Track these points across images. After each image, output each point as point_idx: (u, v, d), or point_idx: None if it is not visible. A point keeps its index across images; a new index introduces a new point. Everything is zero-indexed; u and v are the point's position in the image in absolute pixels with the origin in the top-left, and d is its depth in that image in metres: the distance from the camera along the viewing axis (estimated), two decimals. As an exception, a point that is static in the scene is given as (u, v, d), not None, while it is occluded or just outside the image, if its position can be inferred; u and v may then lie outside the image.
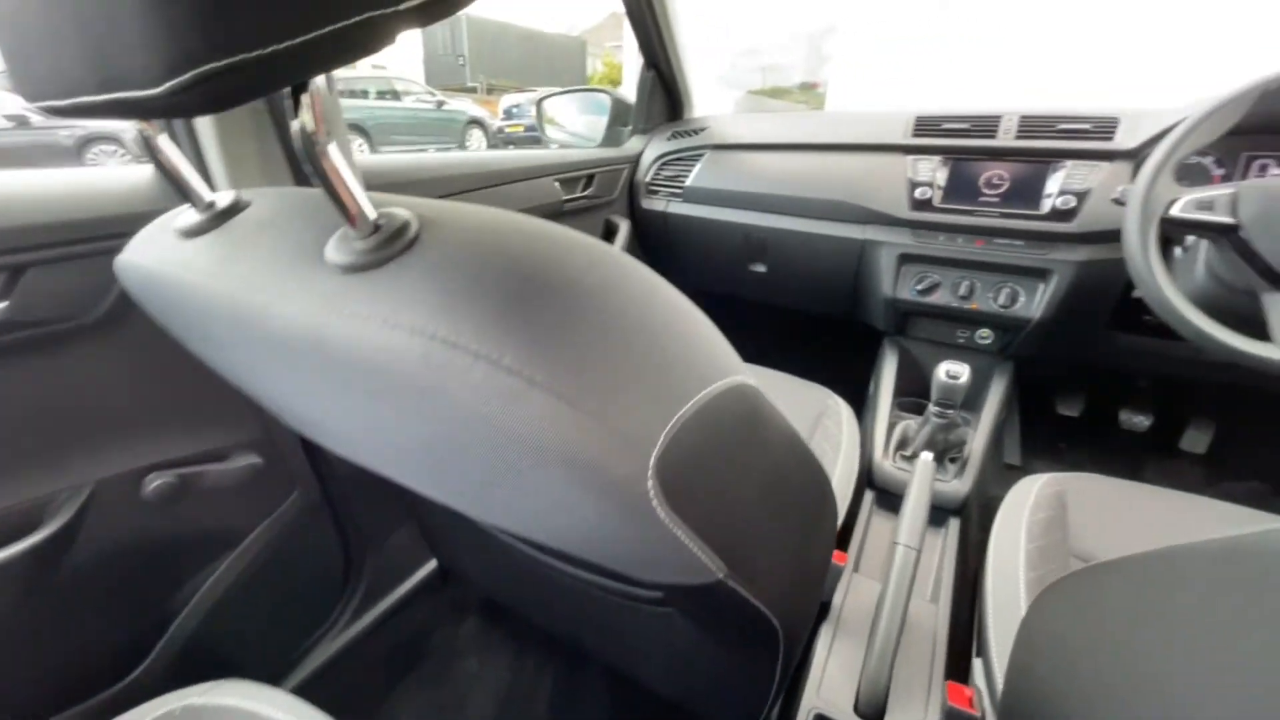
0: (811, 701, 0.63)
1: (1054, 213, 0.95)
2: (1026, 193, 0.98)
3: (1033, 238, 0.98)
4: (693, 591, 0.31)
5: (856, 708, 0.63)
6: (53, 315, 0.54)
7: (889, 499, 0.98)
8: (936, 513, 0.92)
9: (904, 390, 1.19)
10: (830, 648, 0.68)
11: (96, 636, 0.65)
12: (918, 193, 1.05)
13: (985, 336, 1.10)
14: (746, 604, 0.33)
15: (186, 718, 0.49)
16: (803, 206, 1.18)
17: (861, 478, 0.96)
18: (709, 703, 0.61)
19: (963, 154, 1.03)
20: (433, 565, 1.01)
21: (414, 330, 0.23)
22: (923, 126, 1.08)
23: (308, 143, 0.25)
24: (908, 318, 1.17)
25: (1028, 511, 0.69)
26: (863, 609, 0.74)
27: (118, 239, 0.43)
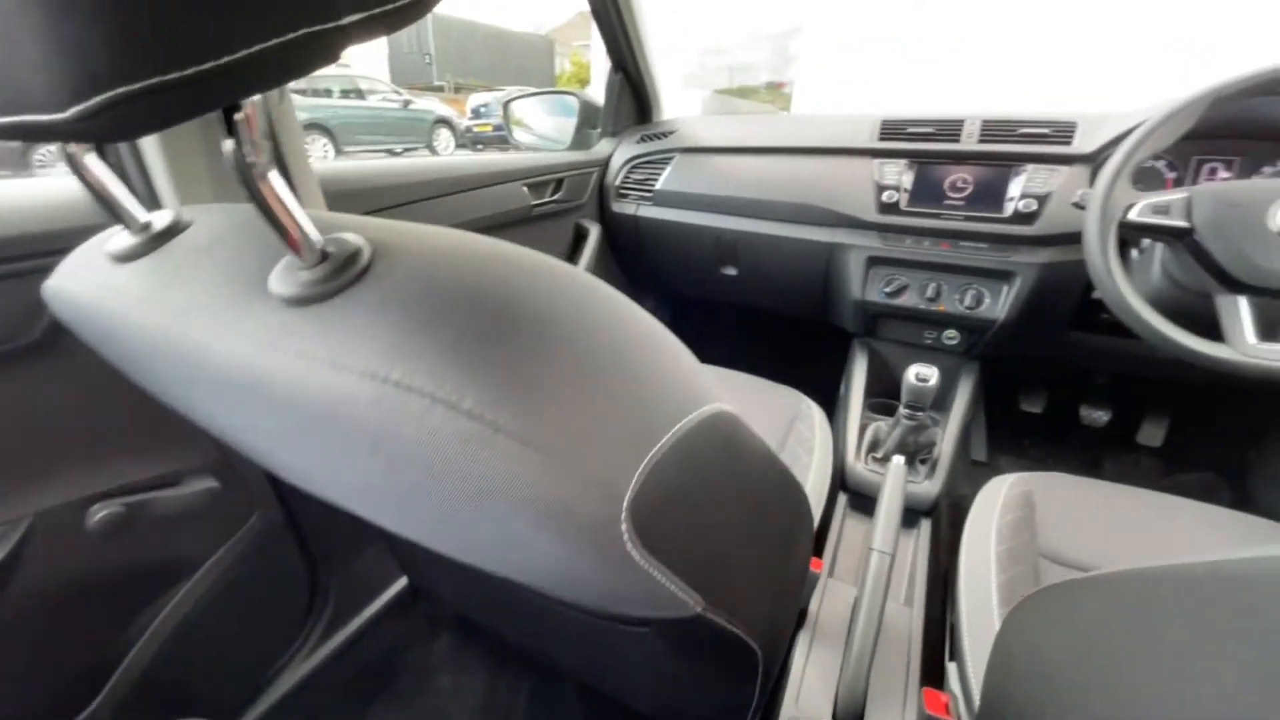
0: (790, 712, 0.63)
1: (1016, 215, 0.97)
2: (990, 196, 1.00)
3: (996, 240, 1.00)
4: (670, 621, 0.30)
5: (835, 716, 0.63)
6: None
7: (862, 501, 0.99)
8: (908, 514, 0.93)
9: (874, 391, 1.20)
10: (808, 656, 0.68)
11: (43, 675, 0.61)
12: (885, 196, 1.06)
13: (952, 337, 1.12)
14: (725, 631, 0.32)
15: None
16: (773, 210, 1.18)
17: (835, 481, 0.96)
18: (688, 718, 0.60)
19: (928, 158, 1.05)
20: (403, 583, 0.98)
21: (364, 373, 0.21)
22: (888, 130, 1.09)
23: (242, 168, 0.23)
24: (877, 319, 1.19)
25: (997, 513, 0.70)
26: (838, 614, 0.74)
27: (51, 256, 0.40)
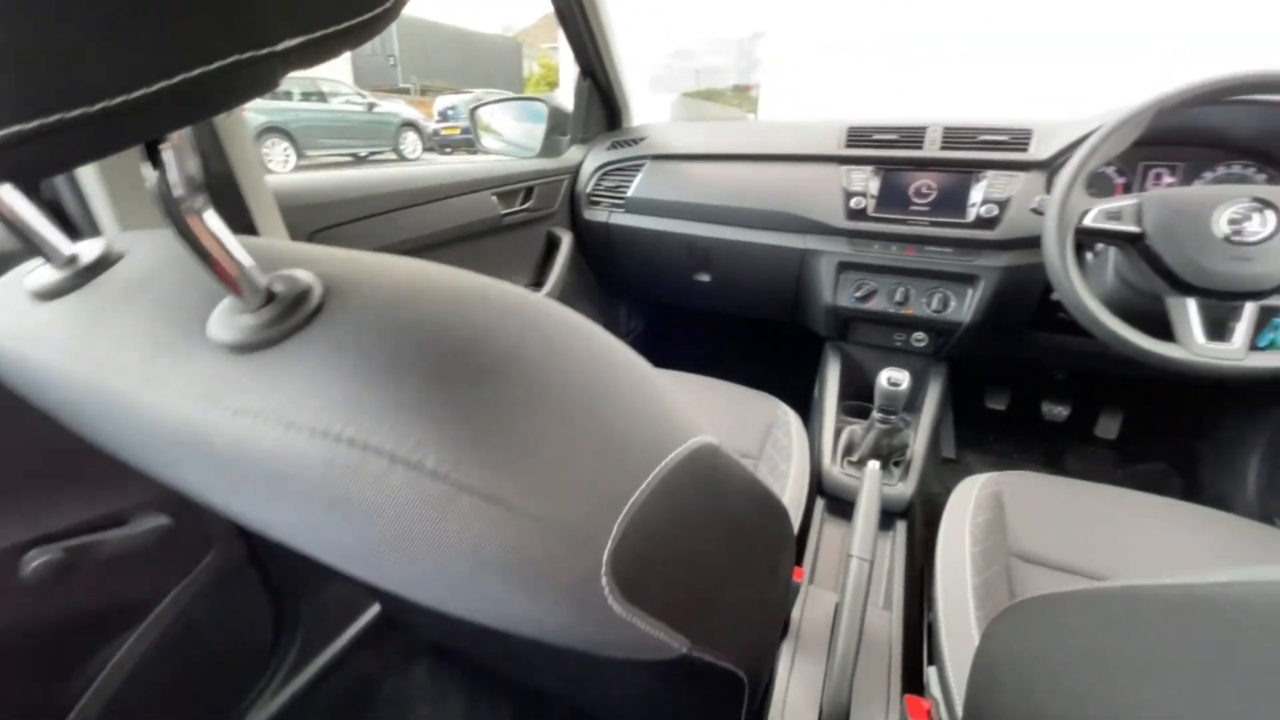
0: None
1: (978, 221, 0.99)
2: (953, 201, 1.02)
3: (960, 245, 1.02)
4: (655, 661, 0.30)
5: None
6: None
7: (839, 505, 1.00)
8: (883, 516, 0.94)
9: (847, 394, 1.22)
10: (791, 668, 0.68)
11: None
12: (853, 202, 1.07)
13: (920, 340, 1.14)
14: (712, 666, 0.31)
15: None
16: (744, 216, 1.19)
17: (812, 486, 0.97)
18: None
19: (893, 164, 1.06)
20: (376, 610, 0.95)
21: (315, 431, 0.20)
22: (855, 137, 1.10)
23: (168, 202, 0.21)
24: (848, 323, 1.20)
25: (969, 515, 0.72)
26: (820, 621, 0.74)
27: None
